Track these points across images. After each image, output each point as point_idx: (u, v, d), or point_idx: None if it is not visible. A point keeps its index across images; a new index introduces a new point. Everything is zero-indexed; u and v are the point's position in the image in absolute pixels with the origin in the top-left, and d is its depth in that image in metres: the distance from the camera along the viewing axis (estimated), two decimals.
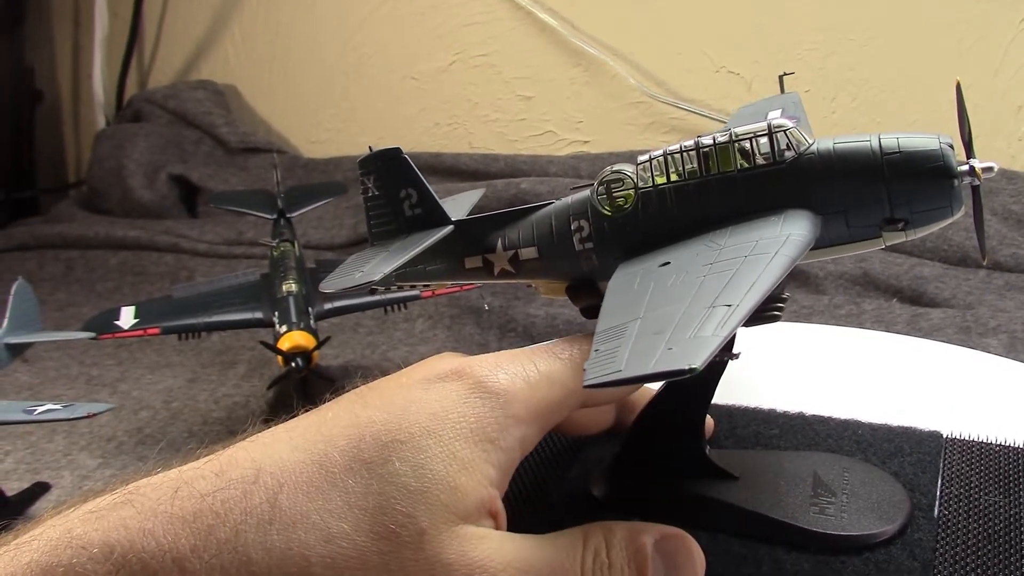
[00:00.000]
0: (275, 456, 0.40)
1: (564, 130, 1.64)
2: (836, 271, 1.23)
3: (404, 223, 0.54)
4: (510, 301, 1.24)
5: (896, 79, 1.40)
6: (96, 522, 0.37)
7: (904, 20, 1.39)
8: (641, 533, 0.42)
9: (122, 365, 1.20)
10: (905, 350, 0.80)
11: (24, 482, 0.88)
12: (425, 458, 0.40)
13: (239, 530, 0.37)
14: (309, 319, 0.96)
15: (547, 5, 1.60)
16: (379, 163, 0.55)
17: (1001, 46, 1.34)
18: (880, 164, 0.44)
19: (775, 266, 0.40)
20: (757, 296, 0.38)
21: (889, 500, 0.48)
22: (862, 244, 0.46)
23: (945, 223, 0.46)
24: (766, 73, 1.48)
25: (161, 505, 0.37)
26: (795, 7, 1.45)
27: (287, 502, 0.38)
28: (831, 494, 0.49)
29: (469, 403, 0.42)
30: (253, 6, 1.90)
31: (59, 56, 2.14)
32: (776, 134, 0.45)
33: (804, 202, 0.45)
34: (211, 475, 0.39)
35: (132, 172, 1.77)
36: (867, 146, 0.45)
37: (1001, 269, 1.22)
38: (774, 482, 0.50)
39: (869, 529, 0.46)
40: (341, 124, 1.85)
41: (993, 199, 1.30)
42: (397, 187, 0.54)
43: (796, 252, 0.41)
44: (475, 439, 0.41)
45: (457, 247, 0.53)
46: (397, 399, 0.42)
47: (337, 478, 0.39)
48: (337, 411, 0.42)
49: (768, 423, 0.59)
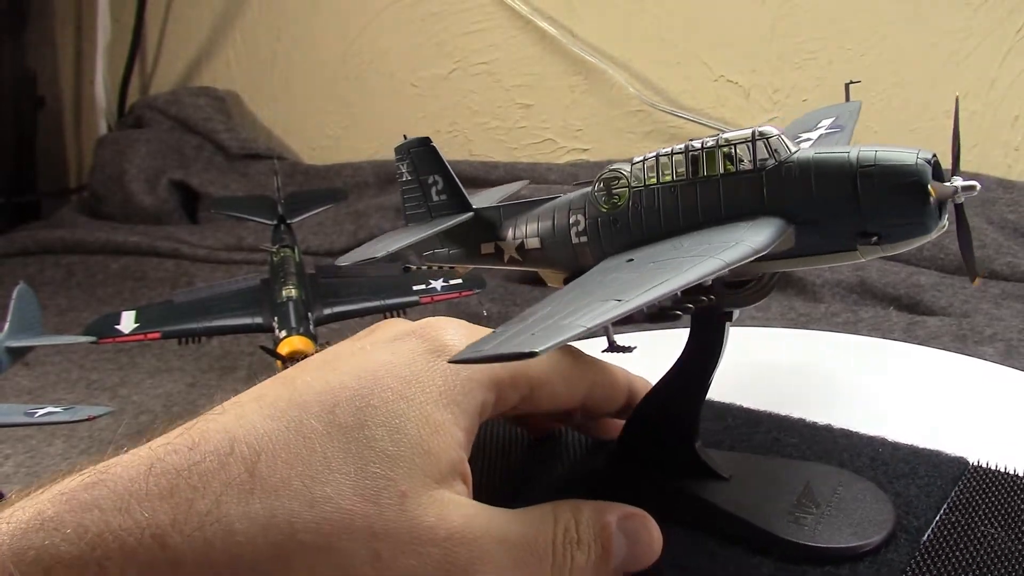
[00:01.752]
0: (248, 426, 0.39)
1: (563, 138, 1.65)
2: (833, 279, 1.24)
3: (431, 207, 0.58)
4: (508, 307, 1.24)
5: (893, 89, 1.41)
6: (67, 503, 0.35)
7: (902, 30, 1.40)
8: (606, 512, 0.43)
9: (122, 370, 1.20)
10: (941, 365, 0.80)
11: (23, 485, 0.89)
12: (400, 422, 0.40)
13: (219, 501, 0.36)
14: (309, 324, 0.97)
15: (547, 14, 1.61)
16: (410, 150, 0.59)
17: (998, 57, 1.35)
18: (854, 176, 0.44)
19: (697, 269, 0.41)
20: (654, 295, 0.39)
21: (873, 519, 0.48)
22: (837, 256, 0.46)
23: (921, 240, 0.45)
24: (764, 82, 1.49)
25: (135, 484, 0.36)
26: (793, 17, 1.46)
27: (266, 471, 0.38)
28: (815, 506, 0.49)
29: (434, 366, 0.43)
30: (254, 13, 1.91)
31: (61, 62, 2.15)
32: (759, 141, 0.46)
33: (779, 210, 0.45)
34: (184, 449, 0.38)
35: (133, 178, 1.78)
36: (844, 157, 0.45)
37: (997, 278, 1.23)
38: (761, 488, 0.50)
39: (839, 543, 0.46)
40: (341, 131, 1.86)
41: (989, 208, 1.31)
42: (426, 174, 0.58)
43: (733, 258, 0.42)
44: (443, 402, 0.42)
45: (475, 233, 0.56)
46: (367, 364, 0.43)
47: (315, 444, 0.39)
48: (306, 379, 0.42)
49: (789, 431, 0.59)
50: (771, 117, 1.49)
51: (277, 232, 1.18)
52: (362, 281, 1.05)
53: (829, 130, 0.58)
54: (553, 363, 0.48)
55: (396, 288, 1.01)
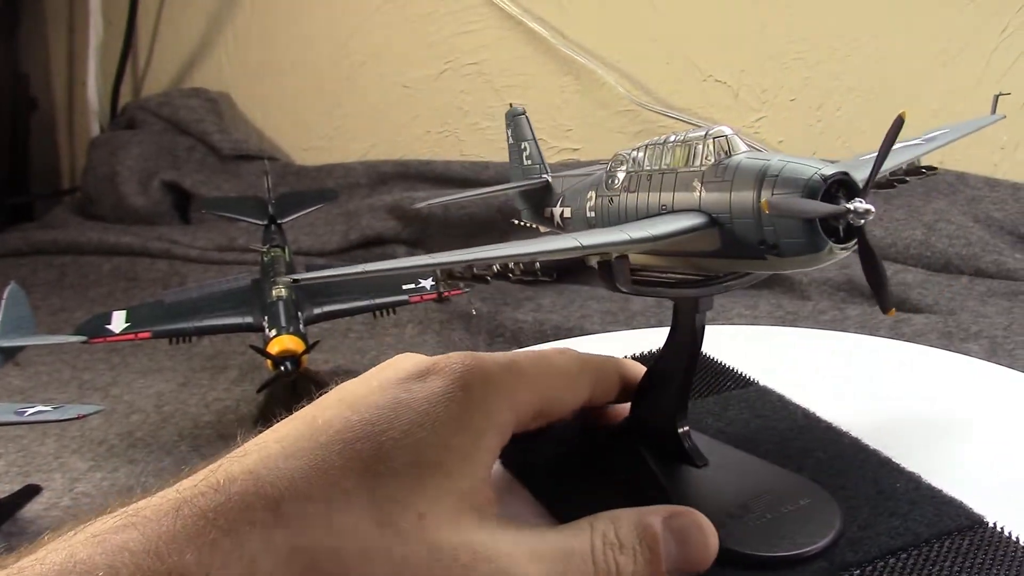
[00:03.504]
0: (271, 466, 0.40)
1: (554, 137, 1.66)
2: (820, 278, 1.25)
3: (524, 169, 0.68)
4: (499, 307, 1.25)
5: (880, 88, 1.42)
6: (99, 545, 0.37)
7: (889, 31, 1.41)
8: (648, 513, 0.43)
9: (114, 369, 1.21)
10: (927, 361, 0.80)
11: (15, 484, 0.89)
12: (419, 448, 0.41)
13: (243, 540, 0.38)
14: (298, 323, 0.97)
15: (537, 15, 1.62)
16: (513, 118, 0.71)
17: (984, 56, 1.36)
18: (759, 184, 0.45)
19: (545, 245, 0.46)
20: (463, 257, 0.44)
21: (806, 540, 0.48)
22: (751, 263, 0.47)
23: (814, 260, 0.45)
24: (752, 82, 1.50)
25: (163, 526, 0.38)
26: (781, 18, 1.46)
27: (289, 508, 0.39)
28: (758, 513, 0.49)
29: (453, 395, 0.43)
30: (246, 15, 1.91)
31: (54, 63, 2.15)
32: (708, 140, 0.48)
33: (707, 209, 0.47)
34: (210, 491, 0.39)
35: (126, 179, 1.79)
36: (760, 164, 0.46)
37: (983, 275, 1.24)
38: (722, 485, 0.51)
39: (748, 550, 0.46)
40: (333, 131, 1.87)
41: (976, 206, 1.32)
42: (519, 140, 0.70)
43: (590, 243, 0.45)
44: (463, 427, 0.42)
45: (543, 198, 0.63)
46: (384, 401, 0.43)
47: (335, 478, 0.40)
48: (326, 417, 0.43)
49: (823, 446, 0.58)
50: (759, 116, 1.50)
51: (268, 232, 1.19)
52: (352, 281, 1.06)
53: (914, 142, 0.59)
54: (561, 374, 0.49)
55: (385, 287, 1.02)
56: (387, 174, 1.69)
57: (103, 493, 0.86)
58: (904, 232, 1.29)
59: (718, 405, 0.64)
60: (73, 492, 0.87)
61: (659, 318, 1.16)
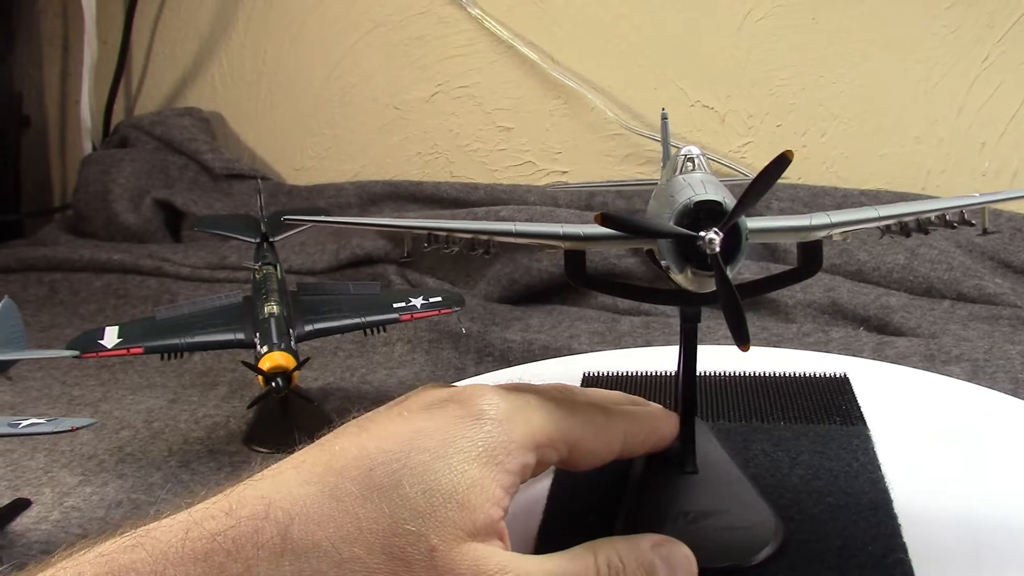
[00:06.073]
0: (285, 491, 0.41)
1: (543, 160, 1.68)
2: (805, 300, 1.26)
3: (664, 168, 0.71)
4: (488, 326, 1.26)
5: (864, 115, 1.45)
6: (106, 565, 0.37)
7: (872, 59, 1.44)
8: (639, 540, 0.45)
9: (104, 386, 1.21)
10: (910, 383, 0.82)
11: (5, 498, 0.89)
12: (435, 479, 0.41)
13: (250, 564, 0.38)
14: (290, 340, 0.98)
15: (528, 39, 1.64)
16: (663, 120, 0.82)
17: (965, 84, 1.39)
18: (669, 202, 0.50)
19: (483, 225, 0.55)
20: (426, 223, 0.57)
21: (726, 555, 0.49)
22: (676, 276, 0.50)
23: (688, 282, 0.49)
24: (739, 107, 1.52)
25: (171, 547, 0.38)
26: (767, 45, 1.49)
27: (299, 533, 0.39)
28: (702, 522, 0.51)
29: (475, 427, 0.44)
30: (240, 35, 1.93)
31: (47, 82, 2.16)
32: (679, 157, 0.53)
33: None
34: (221, 514, 0.40)
35: (117, 197, 1.79)
36: (680, 184, 0.50)
37: (965, 300, 1.26)
38: (687, 492, 0.52)
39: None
40: (324, 152, 1.88)
41: (957, 232, 1.33)
42: (663, 141, 0.81)
43: (521, 230, 0.53)
44: (483, 460, 0.43)
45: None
46: (403, 430, 0.44)
47: (348, 506, 0.40)
48: (344, 444, 0.43)
49: (846, 484, 0.60)
50: (745, 141, 1.53)
51: (260, 250, 1.20)
52: (342, 299, 1.07)
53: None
54: (588, 422, 0.49)
55: (376, 306, 1.03)
56: (377, 194, 1.70)
57: (92, 507, 0.86)
58: (887, 256, 1.31)
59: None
60: (63, 506, 0.87)
61: (646, 338, 1.18)
